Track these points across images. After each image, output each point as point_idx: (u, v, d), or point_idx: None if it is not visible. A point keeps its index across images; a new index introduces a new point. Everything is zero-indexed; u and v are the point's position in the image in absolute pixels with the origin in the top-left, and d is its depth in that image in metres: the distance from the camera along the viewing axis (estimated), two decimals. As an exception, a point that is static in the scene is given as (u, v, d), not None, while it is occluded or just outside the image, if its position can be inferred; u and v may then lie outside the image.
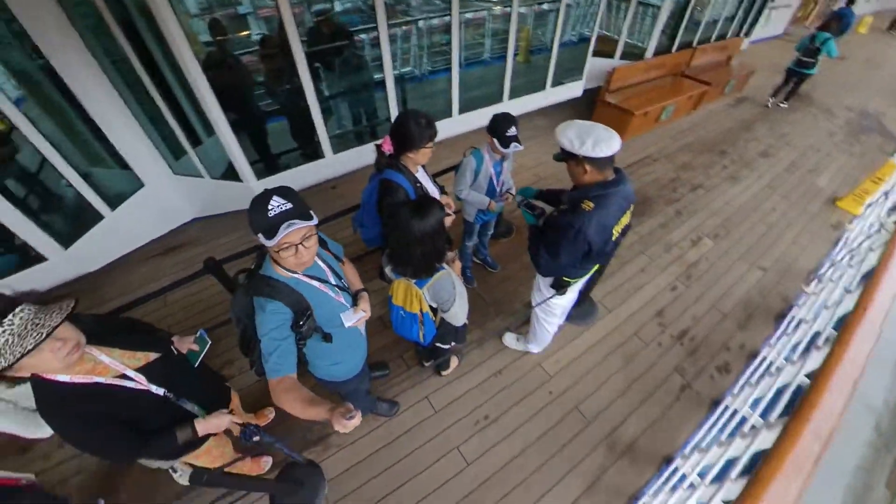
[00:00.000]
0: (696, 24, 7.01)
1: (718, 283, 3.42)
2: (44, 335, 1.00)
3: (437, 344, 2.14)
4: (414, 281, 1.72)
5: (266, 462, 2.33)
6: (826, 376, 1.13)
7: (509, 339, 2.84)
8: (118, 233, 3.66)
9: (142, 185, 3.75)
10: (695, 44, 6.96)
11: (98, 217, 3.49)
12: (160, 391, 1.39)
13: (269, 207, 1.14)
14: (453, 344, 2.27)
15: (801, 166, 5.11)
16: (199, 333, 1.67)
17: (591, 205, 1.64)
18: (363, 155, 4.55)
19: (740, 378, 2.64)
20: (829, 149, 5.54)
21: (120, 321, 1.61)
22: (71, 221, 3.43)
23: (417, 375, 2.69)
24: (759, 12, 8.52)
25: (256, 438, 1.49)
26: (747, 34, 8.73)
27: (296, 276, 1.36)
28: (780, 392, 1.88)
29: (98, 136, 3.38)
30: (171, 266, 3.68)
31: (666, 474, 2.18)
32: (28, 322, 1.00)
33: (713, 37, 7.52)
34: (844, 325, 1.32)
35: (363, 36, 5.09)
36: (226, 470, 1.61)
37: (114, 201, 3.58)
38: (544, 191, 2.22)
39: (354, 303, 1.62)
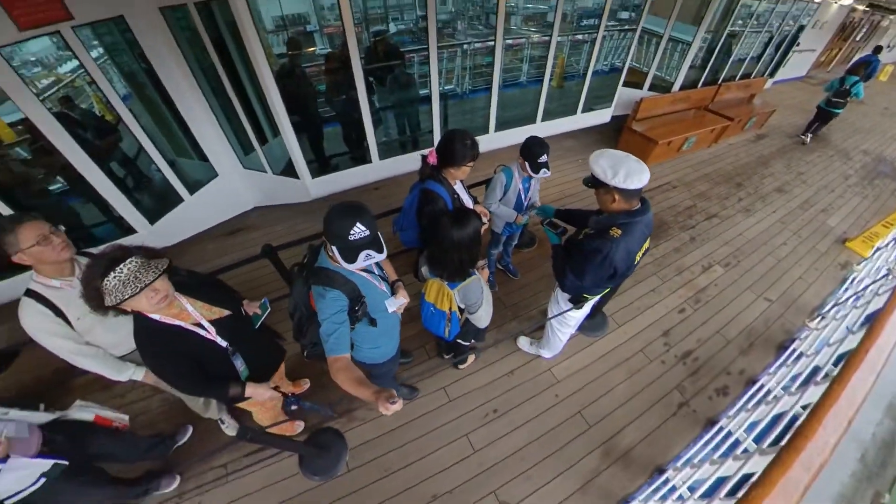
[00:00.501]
0: (723, 62, 6.76)
1: (725, 310, 3.29)
2: (138, 289, 1.17)
3: (459, 340, 2.16)
4: (447, 282, 1.75)
5: (299, 426, 2.42)
6: (822, 411, 1.09)
7: (523, 342, 2.82)
8: (194, 214, 3.88)
9: (216, 175, 3.95)
10: (720, 80, 6.70)
11: (179, 200, 3.72)
12: (223, 343, 1.51)
13: (352, 233, 1.19)
14: (473, 342, 2.30)
15: (815, 205, 4.82)
16: (263, 300, 1.78)
17: (619, 232, 1.61)
18: (406, 162, 4.62)
19: (737, 401, 2.56)
20: (843, 190, 5.21)
21: (208, 278, 1.73)
22: (157, 202, 3.66)
23: (437, 366, 2.72)
24: (785, 55, 8.14)
25: (295, 408, 1.66)
26: (771, 75, 8.35)
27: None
28: (776, 419, 1.81)
29: (184, 131, 3.59)
30: (234, 246, 3.86)
31: (656, 484, 2.14)
32: (133, 273, 1.17)
33: (738, 75, 7.24)
34: (845, 364, 1.26)
35: (413, 55, 5.17)
36: (266, 429, 1.74)
37: (193, 187, 3.80)
38: (562, 210, 2.19)
39: (393, 291, 1.67)
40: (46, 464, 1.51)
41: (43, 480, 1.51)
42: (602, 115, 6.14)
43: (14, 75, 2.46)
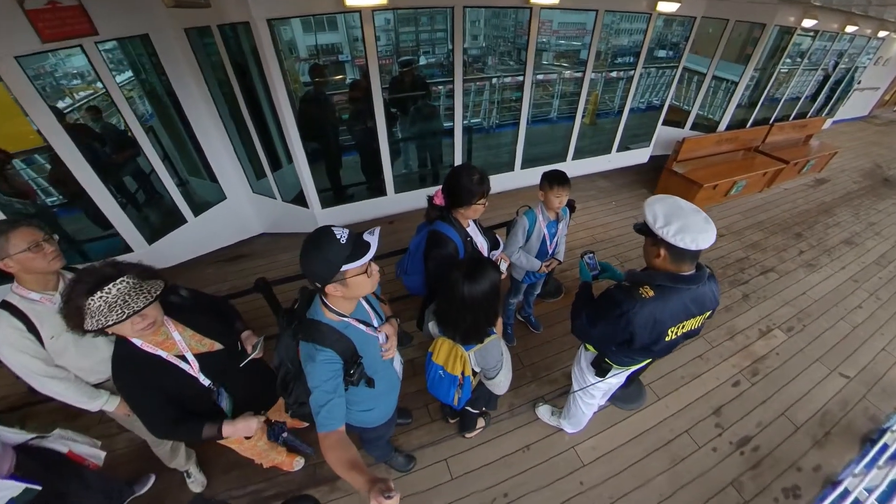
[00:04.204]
0: (775, 101, 6.56)
1: (791, 386, 2.85)
2: (125, 315, 1.11)
3: (468, 408, 1.92)
4: (461, 343, 1.55)
5: (298, 462, 2.24)
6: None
7: (543, 411, 2.49)
8: (196, 236, 3.86)
9: (224, 198, 3.97)
10: (772, 120, 6.46)
11: (182, 221, 3.72)
12: (206, 382, 1.43)
13: (339, 236, 1.12)
14: (484, 409, 2.03)
15: (893, 260, 4.31)
16: (259, 340, 1.64)
17: (651, 293, 1.37)
18: (423, 197, 4.50)
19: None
20: (928, 245, 4.65)
21: (211, 303, 1.66)
22: (160, 220, 3.70)
23: (439, 431, 2.43)
24: (844, 93, 7.89)
25: (285, 435, 1.55)
26: (830, 114, 8.06)
27: (345, 319, 1.28)
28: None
29: (198, 151, 3.65)
30: (235, 272, 3.81)
31: None
32: (122, 296, 1.12)
33: (792, 115, 7.02)
34: None
35: (439, 87, 5.24)
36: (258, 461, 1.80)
37: (199, 208, 3.81)
38: None
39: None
40: (17, 487, 1.43)
41: None
42: (639, 155, 5.93)
43: (30, 85, 2.53)
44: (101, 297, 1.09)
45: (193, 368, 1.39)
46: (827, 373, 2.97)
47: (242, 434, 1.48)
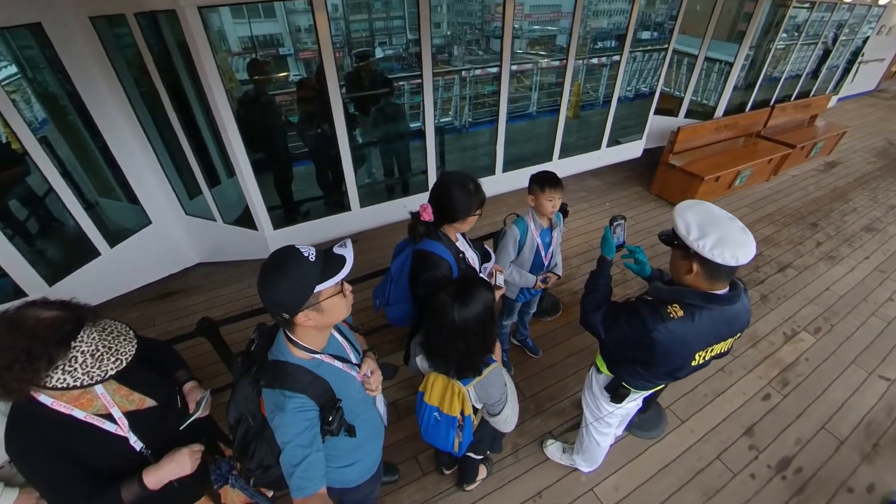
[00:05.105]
0: (774, 81, 7.01)
1: (827, 395, 2.95)
2: (122, 363, 1.09)
3: (469, 454, 1.90)
4: (457, 378, 1.54)
5: None
6: None
7: (553, 450, 2.48)
8: (113, 273, 3.70)
9: (148, 223, 3.85)
10: (772, 102, 6.91)
11: (94, 254, 3.55)
12: (138, 445, 1.32)
13: (306, 254, 1.13)
14: (487, 453, 2.02)
15: None
16: (204, 395, 1.55)
17: (680, 312, 1.38)
18: (393, 211, 4.49)
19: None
20: (955, 225, 5.00)
21: (150, 348, 1.55)
22: (64, 255, 3.51)
23: (434, 486, 2.37)
24: (849, 67, 8.51)
25: (234, 473, 1.49)
26: (835, 91, 8.67)
27: (317, 356, 1.25)
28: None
29: (111, 165, 3.52)
30: (165, 313, 3.68)
31: None
32: (101, 340, 1.09)
33: (794, 94, 7.52)
34: None
35: (402, 84, 5.32)
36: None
37: (115, 237, 3.67)
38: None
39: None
40: None
41: None
42: (632, 149, 6.15)
43: None
44: (79, 349, 1.04)
45: (122, 427, 1.28)
46: (865, 376, 3.10)
47: (174, 476, 1.37)
